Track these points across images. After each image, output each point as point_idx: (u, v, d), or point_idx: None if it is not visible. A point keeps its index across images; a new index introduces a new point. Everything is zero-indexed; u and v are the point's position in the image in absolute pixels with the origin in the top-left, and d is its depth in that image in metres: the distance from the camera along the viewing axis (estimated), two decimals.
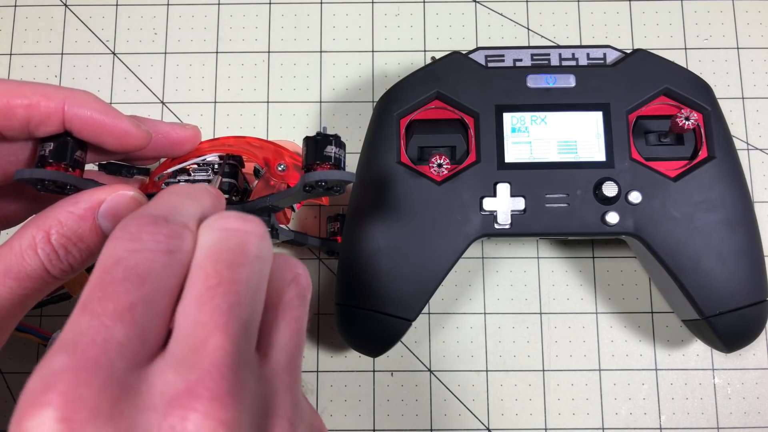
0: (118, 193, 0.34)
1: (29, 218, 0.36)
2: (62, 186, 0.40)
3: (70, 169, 0.40)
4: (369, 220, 0.49)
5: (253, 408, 0.25)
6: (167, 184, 0.45)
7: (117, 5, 0.63)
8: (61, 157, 0.40)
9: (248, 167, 0.49)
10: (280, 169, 0.47)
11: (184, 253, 0.27)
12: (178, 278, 0.27)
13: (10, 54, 0.62)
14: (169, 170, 0.46)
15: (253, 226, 0.28)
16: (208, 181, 0.45)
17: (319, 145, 0.42)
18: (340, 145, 0.43)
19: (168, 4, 0.63)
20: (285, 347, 0.29)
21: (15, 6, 0.63)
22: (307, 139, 0.43)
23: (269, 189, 0.47)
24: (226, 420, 0.23)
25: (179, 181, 0.45)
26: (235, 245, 0.27)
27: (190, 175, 0.45)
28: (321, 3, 0.62)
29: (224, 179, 0.45)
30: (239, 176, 0.47)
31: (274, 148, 0.49)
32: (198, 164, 0.46)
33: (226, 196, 0.45)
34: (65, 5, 0.63)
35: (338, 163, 0.42)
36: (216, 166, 0.46)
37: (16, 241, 0.33)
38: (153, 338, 0.25)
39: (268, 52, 0.62)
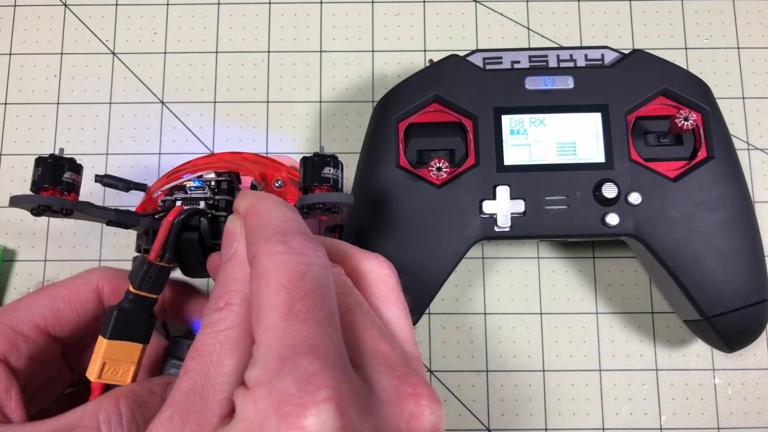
0: None
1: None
2: (57, 210, 0.40)
3: (65, 192, 0.40)
4: (368, 225, 0.49)
5: None
6: (164, 201, 0.45)
7: (117, 5, 0.63)
8: (56, 182, 0.40)
9: (245, 182, 0.49)
10: (277, 185, 0.47)
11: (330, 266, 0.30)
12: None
13: (10, 54, 0.62)
14: (166, 187, 0.46)
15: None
16: (205, 198, 0.45)
17: (317, 167, 0.42)
18: (338, 165, 0.43)
19: (168, 4, 0.63)
20: None
21: (15, 6, 0.63)
22: (304, 160, 0.43)
23: None
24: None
25: (175, 199, 0.45)
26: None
27: (186, 192, 0.45)
28: (321, 3, 0.62)
29: (220, 196, 0.45)
30: (235, 193, 0.47)
31: (271, 163, 0.49)
32: (194, 181, 0.46)
33: (223, 213, 0.45)
34: (65, 5, 0.63)
35: (336, 185, 0.42)
36: (213, 183, 0.46)
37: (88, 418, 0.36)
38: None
39: (268, 52, 0.62)
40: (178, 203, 0.44)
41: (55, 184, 0.40)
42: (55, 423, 0.36)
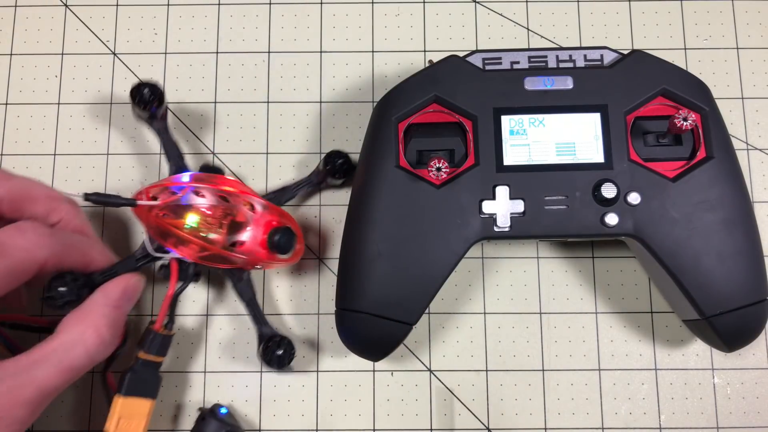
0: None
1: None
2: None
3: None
4: (368, 225, 0.49)
5: None
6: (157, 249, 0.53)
7: (117, 5, 0.63)
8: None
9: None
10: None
11: None
12: None
13: (11, 54, 0.62)
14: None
15: None
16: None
17: None
18: None
19: (168, 4, 0.63)
20: None
21: (15, 6, 0.63)
22: None
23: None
24: None
25: (167, 261, 0.53)
26: None
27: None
28: (321, 3, 0.62)
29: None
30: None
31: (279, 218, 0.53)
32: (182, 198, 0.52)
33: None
34: (65, 5, 0.63)
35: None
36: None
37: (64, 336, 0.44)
38: None
39: (268, 52, 0.62)
40: (170, 257, 0.52)
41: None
42: (46, 348, 0.43)
